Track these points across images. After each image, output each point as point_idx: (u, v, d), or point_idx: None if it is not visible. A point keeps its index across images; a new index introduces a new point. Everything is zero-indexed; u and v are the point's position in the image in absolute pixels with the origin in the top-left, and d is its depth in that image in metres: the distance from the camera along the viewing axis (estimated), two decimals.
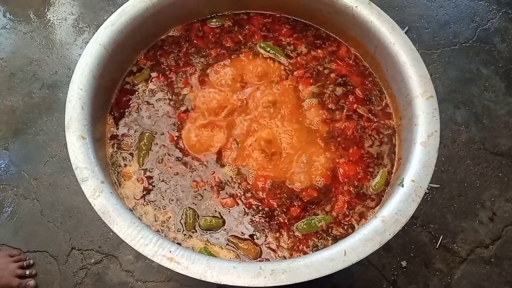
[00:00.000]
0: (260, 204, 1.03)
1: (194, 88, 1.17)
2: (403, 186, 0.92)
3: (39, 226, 1.67)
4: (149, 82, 1.18)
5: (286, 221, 1.01)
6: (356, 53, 1.22)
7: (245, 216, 1.01)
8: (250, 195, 1.04)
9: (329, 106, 1.15)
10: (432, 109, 0.99)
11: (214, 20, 1.27)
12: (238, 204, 1.03)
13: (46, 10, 2.17)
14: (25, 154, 1.81)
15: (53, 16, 2.15)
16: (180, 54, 1.22)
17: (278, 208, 1.02)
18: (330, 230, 1.00)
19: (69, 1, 2.19)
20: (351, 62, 1.22)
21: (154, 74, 1.19)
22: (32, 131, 1.85)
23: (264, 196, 1.03)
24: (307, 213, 1.02)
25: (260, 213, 1.02)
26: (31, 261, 1.60)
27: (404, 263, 1.59)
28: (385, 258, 1.60)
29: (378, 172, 1.07)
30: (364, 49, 1.18)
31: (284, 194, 1.04)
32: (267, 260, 0.97)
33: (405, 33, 1.07)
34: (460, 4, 2.14)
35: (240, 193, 1.04)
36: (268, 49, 1.21)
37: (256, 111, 1.13)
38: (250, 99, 1.15)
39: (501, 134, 1.82)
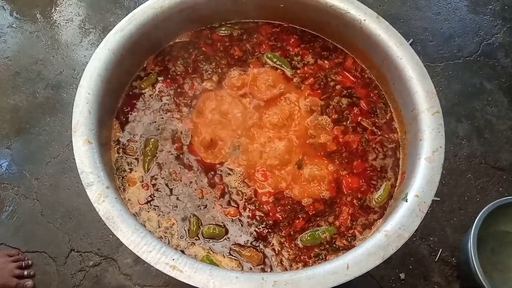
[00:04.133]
0: (263, 215, 1.03)
1: (201, 95, 1.18)
2: (407, 201, 0.93)
3: (39, 226, 1.67)
4: (156, 86, 1.19)
5: (289, 232, 1.01)
6: (363, 66, 1.23)
7: (249, 226, 1.02)
8: (254, 206, 1.04)
9: (333, 117, 1.15)
10: (437, 125, 1.00)
11: (223, 29, 1.27)
12: (241, 214, 1.03)
13: (52, 10, 2.17)
14: (27, 153, 1.81)
15: (59, 16, 2.15)
16: (189, 60, 1.23)
17: (282, 221, 1.03)
18: (333, 241, 1.01)
19: (76, 2, 2.20)
20: (357, 74, 1.22)
21: (161, 79, 1.20)
22: (35, 131, 1.85)
23: (269, 208, 1.04)
24: (311, 224, 1.02)
25: (264, 223, 1.02)
26: (30, 262, 1.59)
27: (402, 275, 1.59)
28: (384, 269, 1.60)
29: (381, 185, 1.08)
30: (371, 62, 1.19)
31: (289, 207, 1.04)
32: (270, 266, 0.97)
33: (410, 45, 1.08)
34: (465, 18, 2.16)
35: (244, 204, 1.04)
36: (275, 60, 1.22)
37: (263, 122, 1.14)
38: (258, 109, 1.15)
39: (502, 149, 1.83)
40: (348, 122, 1.15)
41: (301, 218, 1.03)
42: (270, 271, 0.97)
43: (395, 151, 1.12)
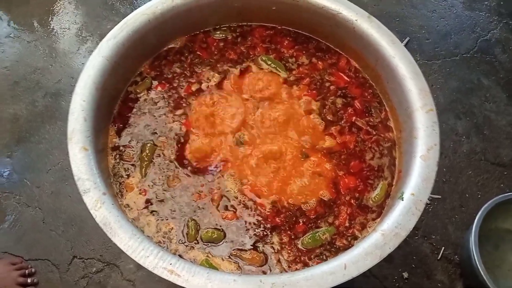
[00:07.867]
0: (262, 219, 1.03)
1: (197, 98, 1.18)
2: (403, 200, 0.92)
3: (41, 234, 1.68)
4: (151, 91, 1.19)
5: (289, 235, 1.01)
6: (357, 66, 1.23)
7: (247, 230, 1.02)
8: (252, 210, 1.04)
9: (329, 117, 1.15)
10: (431, 123, 1.00)
11: (217, 33, 1.28)
12: (238, 218, 1.03)
13: (49, 19, 2.19)
14: (27, 162, 1.82)
15: (56, 25, 2.17)
16: (184, 64, 1.23)
17: (282, 225, 1.02)
18: (334, 241, 1.00)
19: (73, 10, 2.22)
20: (351, 74, 1.22)
21: (156, 83, 1.20)
22: (35, 139, 1.87)
23: (268, 213, 1.04)
24: (311, 225, 1.02)
25: (262, 226, 1.02)
26: (33, 270, 1.60)
27: (405, 274, 1.59)
28: (387, 269, 1.60)
29: (378, 185, 1.08)
30: (365, 61, 1.19)
31: (289, 212, 1.04)
32: (270, 268, 0.97)
33: (406, 43, 1.08)
34: (461, 15, 2.16)
35: (242, 208, 1.04)
36: (269, 62, 1.22)
37: (261, 124, 1.14)
38: (255, 112, 1.16)
39: (502, 145, 1.83)
40: (343, 121, 1.15)
41: (301, 222, 1.02)
42: (270, 273, 0.97)
43: (391, 150, 1.12)
